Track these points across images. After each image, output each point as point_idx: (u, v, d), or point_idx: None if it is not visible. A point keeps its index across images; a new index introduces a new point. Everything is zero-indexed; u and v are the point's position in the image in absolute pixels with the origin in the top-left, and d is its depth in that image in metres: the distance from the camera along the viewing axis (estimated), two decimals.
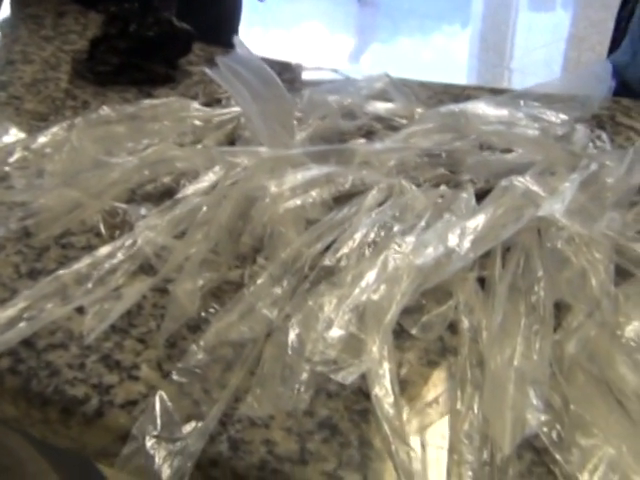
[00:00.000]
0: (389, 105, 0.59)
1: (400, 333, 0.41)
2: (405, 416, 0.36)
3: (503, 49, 3.02)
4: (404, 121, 0.58)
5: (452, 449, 0.34)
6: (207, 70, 0.49)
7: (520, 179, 0.42)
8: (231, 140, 0.58)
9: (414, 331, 0.40)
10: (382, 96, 0.59)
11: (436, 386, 0.38)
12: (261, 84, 0.45)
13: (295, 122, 0.55)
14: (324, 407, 0.37)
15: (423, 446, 0.34)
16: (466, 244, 0.39)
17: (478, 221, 0.40)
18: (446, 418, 0.36)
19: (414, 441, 0.35)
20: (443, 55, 3.13)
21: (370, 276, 0.38)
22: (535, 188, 0.41)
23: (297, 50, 2.81)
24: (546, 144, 0.48)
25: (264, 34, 2.91)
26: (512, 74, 2.74)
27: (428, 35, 3.33)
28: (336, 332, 0.36)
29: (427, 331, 0.40)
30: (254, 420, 0.36)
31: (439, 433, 0.35)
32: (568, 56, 2.78)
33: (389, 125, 0.59)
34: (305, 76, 0.68)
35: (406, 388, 0.37)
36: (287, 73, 0.71)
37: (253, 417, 0.36)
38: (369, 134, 0.58)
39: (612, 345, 0.36)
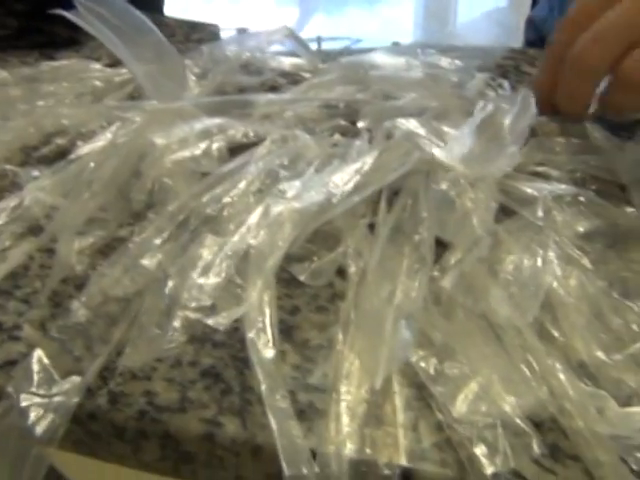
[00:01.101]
0: (293, 60, 0.58)
1: (290, 281, 0.41)
2: (287, 360, 0.36)
3: (446, 16, 3.02)
4: (309, 75, 0.58)
5: (331, 389, 0.34)
6: (62, 12, 0.47)
7: (402, 121, 0.42)
8: (133, 99, 0.57)
9: (302, 278, 0.40)
10: (286, 50, 0.58)
11: (322, 330, 0.38)
12: (132, 29, 0.44)
13: (194, 78, 0.54)
14: (209, 356, 0.36)
15: (305, 389, 0.34)
16: (349, 187, 0.39)
17: (362, 164, 0.40)
18: (329, 361, 0.36)
19: (297, 384, 0.35)
20: (389, 25, 3.11)
21: (251, 223, 0.38)
22: (419, 130, 0.41)
23: (240, 21, 2.76)
24: (439, 90, 0.48)
25: (207, 5, 2.85)
26: (455, 41, 2.75)
27: (373, 5, 3.32)
28: (213, 279, 0.36)
29: (316, 278, 0.40)
30: (135, 373, 0.36)
31: (321, 375, 0.35)
32: (509, 20, 2.80)
33: (294, 80, 0.58)
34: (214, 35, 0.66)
35: (292, 334, 0.37)
36: (196, 33, 0.70)
37: (135, 370, 0.36)
38: (273, 89, 0.57)
39: (489, 279, 0.36)
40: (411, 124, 0.41)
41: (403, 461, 0.32)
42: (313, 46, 0.63)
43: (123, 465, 0.36)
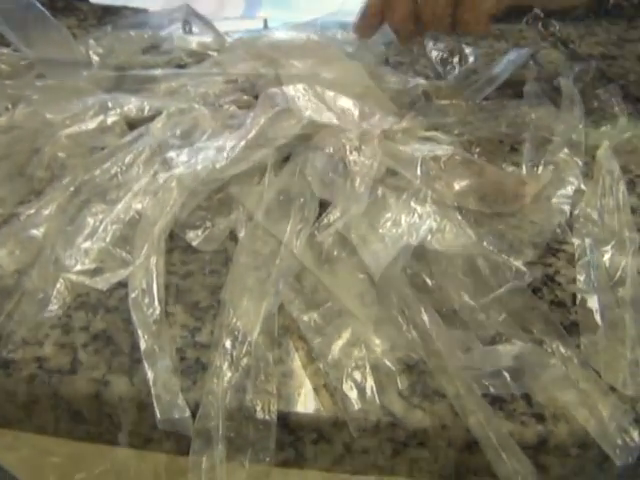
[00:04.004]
0: (199, 38, 0.59)
1: (187, 248, 0.42)
2: (177, 321, 0.37)
3: None
4: (215, 53, 0.59)
5: (215, 345, 0.35)
6: None
7: (285, 88, 0.43)
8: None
9: (195, 244, 0.41)
10: (191, 29, 0.59)
11: (213, 292, 0.39)
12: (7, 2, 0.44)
13: (97, 58, 0.54)
14: (102, 321, 0.38)
15: (192, 346, 0.36)
16: (234, 153, 0.40)
17: (247, 132, 0.41)
18: (217, 319, 0.37)
19: (185, 342, 0.36)
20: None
21: (138, 190, 0.39)
22: (301, 96, 0.43)
23: None
24: (331, 60, 0.50)
25: None
26: None
27: None
28: (98, 244, 0.37)
29: (209, 243, 0.41)
30: (28, 340, 0.36)
31: (208, 333, 0.37)
32: None
33: (201, 59, 0.59)
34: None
35: (183, 296, 0.39)
36: (108, 16, 0.70)
37: (27, 337, 0.36)
38: (180, 67, 0.58)
39: (367, 235, 0.38)
40: (293, 91, 0.43)
41: (281, 406, 0.33)
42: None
43: (21, 430, 0.37)
